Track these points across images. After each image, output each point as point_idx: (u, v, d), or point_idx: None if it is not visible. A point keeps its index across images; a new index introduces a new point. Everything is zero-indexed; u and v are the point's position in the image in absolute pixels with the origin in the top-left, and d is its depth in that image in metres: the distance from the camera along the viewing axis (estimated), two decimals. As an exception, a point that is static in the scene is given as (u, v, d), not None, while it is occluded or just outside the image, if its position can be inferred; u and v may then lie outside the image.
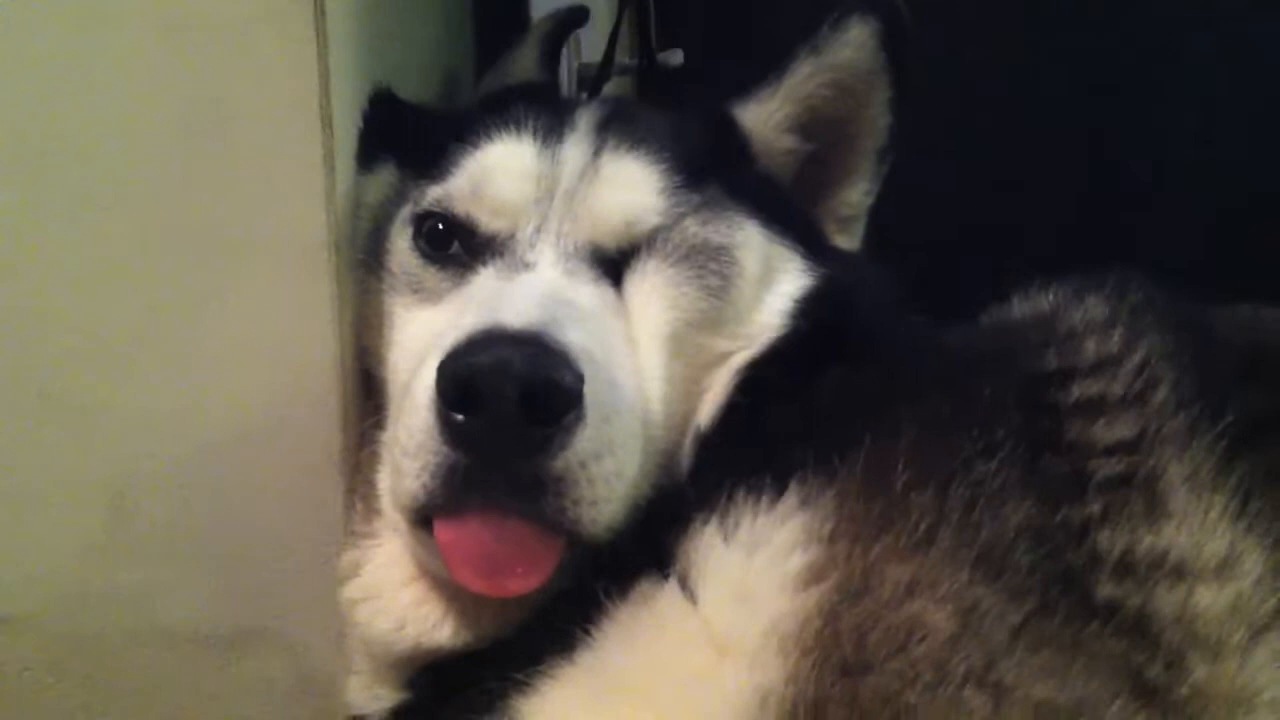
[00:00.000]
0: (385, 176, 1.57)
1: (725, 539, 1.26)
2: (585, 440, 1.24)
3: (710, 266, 1.46)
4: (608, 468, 1.27)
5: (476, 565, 1.25)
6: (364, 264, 1.50)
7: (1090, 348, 1.42)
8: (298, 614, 1.47)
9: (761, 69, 1.68)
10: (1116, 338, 1.41)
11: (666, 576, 1.27)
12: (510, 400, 1.19)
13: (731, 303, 1.46)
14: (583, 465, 1.24)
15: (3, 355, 1.41)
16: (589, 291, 1.40)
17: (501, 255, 1.44)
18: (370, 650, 1.43)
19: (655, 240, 1.46)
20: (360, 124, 1.52)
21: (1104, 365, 1.39)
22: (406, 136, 1.57)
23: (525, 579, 1.25)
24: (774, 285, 1.50)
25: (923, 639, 1.15)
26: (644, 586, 1.27)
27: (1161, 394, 1.34)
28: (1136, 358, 1.38)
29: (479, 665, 1.35)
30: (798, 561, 1.21)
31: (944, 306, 1.57)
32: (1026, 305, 1.59)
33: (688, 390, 1.43)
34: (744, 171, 1.60)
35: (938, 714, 1.12)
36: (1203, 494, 1.25)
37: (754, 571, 1.22)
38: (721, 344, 1.46)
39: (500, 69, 2.05)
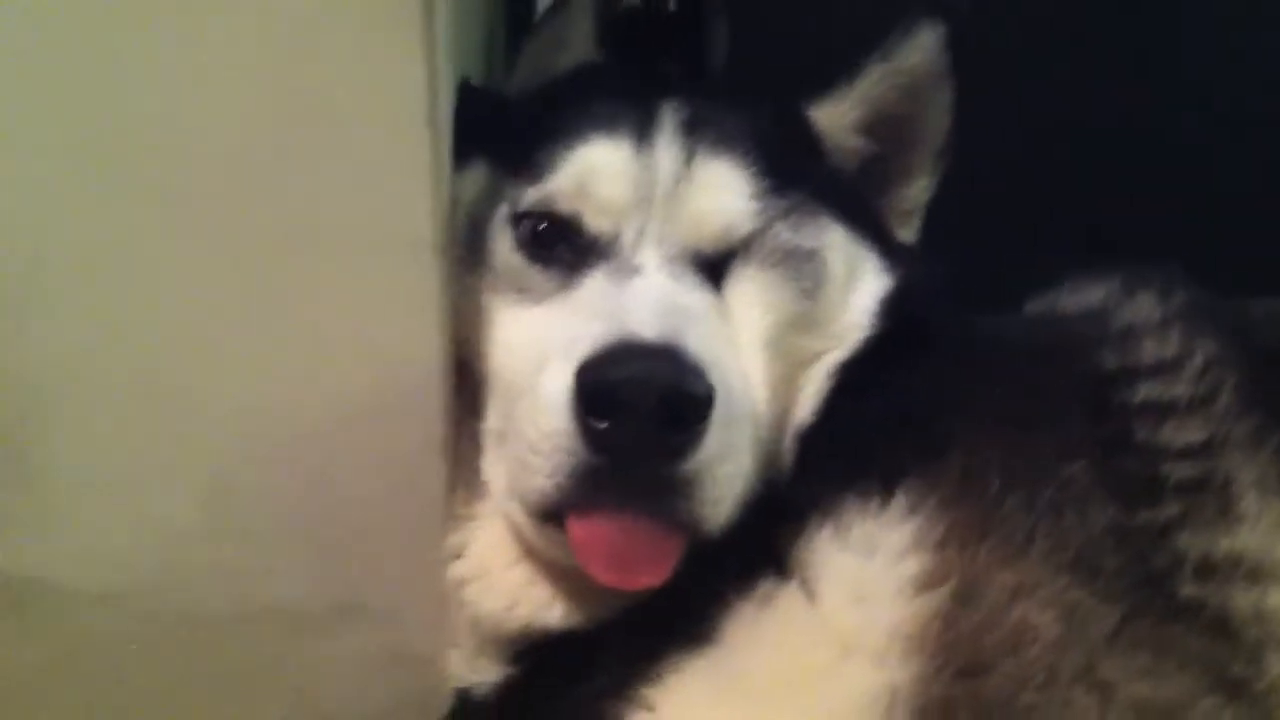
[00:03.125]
0: (477, 174, 1.61)
1: (841, 542, 1.34)
2: (711, 445, 1.31)
3: (803, 270, 1.52)
4: (729, 469, 1.35)
5: (609, 560, 1.33)
6: (461, 260, 1.54)
7: (1149, 348, 1.50)
8: (396, 591, 1.52)
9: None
10: (1174, 339, 1.50)
11: (787, 577, 1.35)
12: (651, 410, 1.26)
13: (821, 304, 1.53)
14: (709, 468, 1.32)
15: (108, 342, 1.43)
16: (697, 297, 1.47)
17: (607, 259, 1.49)
18: (478, 628, 1.50)
19: (750, 245, 1.52)
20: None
21: (1165, 367, 1.48)
22: (493, 131, 1.60)
23: (653, 573, 1.33)
24: (857, 286, 1.58)
25: (1033, 641, 1.25)
26: (765, 586, 1.35)
27: (1225, 398, 1.43)
28: (1197, 361, 1.47)
29: (590, 648, 1.43)
30: (912, 567, 1.30)
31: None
32: (1074, 297, 1.68)
33: (785, 390, 1.50)
34: (823, 173, 1.67)
35: (1053, 713, 1.22)
36: (1270, 499, 1.36)
37: (871, 575, 1.31)
38: (814, 344, 1.53)
39: (546, 38, 2.02)
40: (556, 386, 1.33)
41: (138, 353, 1.44)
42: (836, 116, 1.71)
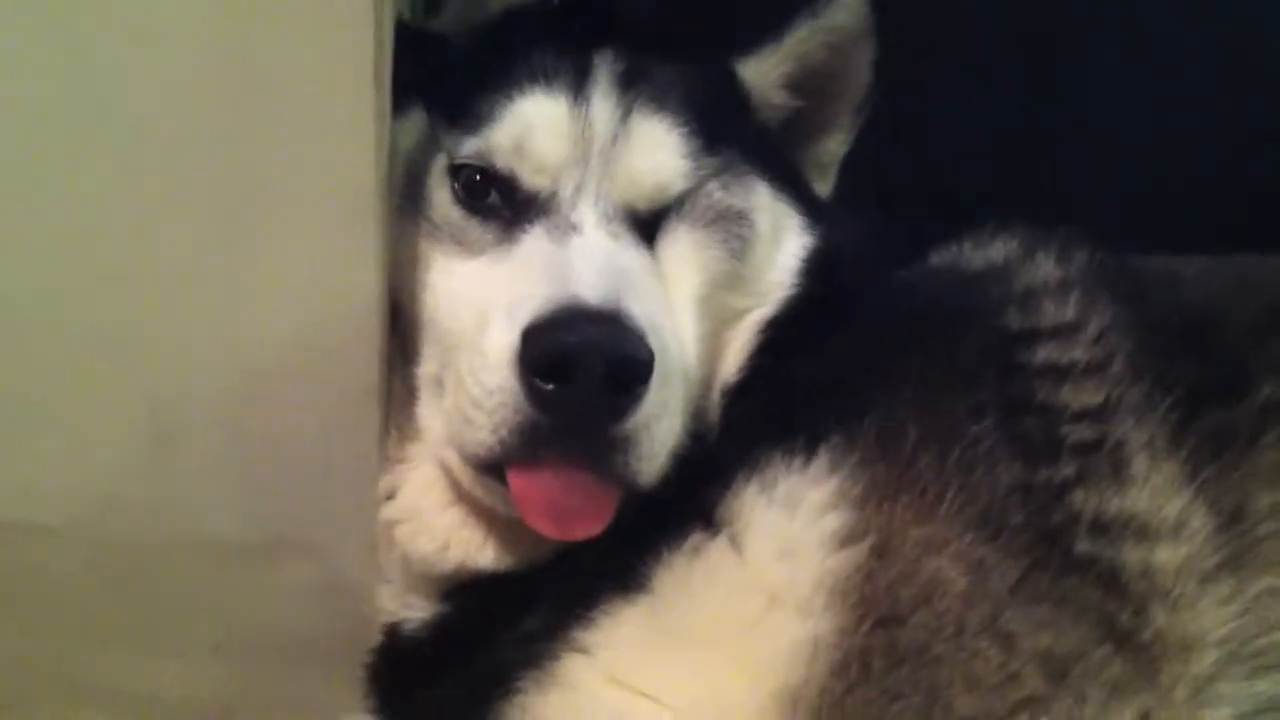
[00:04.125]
0: (414, 122, 1.63)
1: (766, 498, 1.42)
2: (649, 405, 1.38)
3: (733, 230, 1.58)
4: (664, 427, 1.42)
5: (549, 513, 1.39)
6: (399, 209, 1.56)
7: (1049, 310, 1.58)
8: (330, 525, 1.58)
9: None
10: (1073, 303, 1.57)
11: (716, 530, 1.43)
12: (597, 375, 1.32)
13: (749, 263, 1.60)
14: (646, 427, 1.39)
15: (54, 281, 1.46)
16: (634, 256, 1.51)
17: (546, 214, 1.52)
18: (410, 568, 1.56)
19: (683, 204, 1.58)
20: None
21: (1063, 330, 1.55)
22: (430, 76, 1.62)
23: (590, 525, 1.40)
24: (781, 244, 1.64)
25: (944, 594, 1.34)
26: (695, 539, 1.43)
27: (1119, 364, 1.51)
28: (1093, 326, 1.55)
29: (521, 589, 1.50)
30: (834, 522, 1.39)
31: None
32: (978, 254, 1.75)
33: (713, 347, 1.57)
34: (750, 130, 1.72)
35: (961, 662, 1.31)
36: (1159, 461, 1.44)
37: (795, 530, 1.39)
38: (741, 302, 1.60)
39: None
40: (501, 345, 1.38)
41: (83, 291, 1.46)
42: (764, 72, 1.76)
